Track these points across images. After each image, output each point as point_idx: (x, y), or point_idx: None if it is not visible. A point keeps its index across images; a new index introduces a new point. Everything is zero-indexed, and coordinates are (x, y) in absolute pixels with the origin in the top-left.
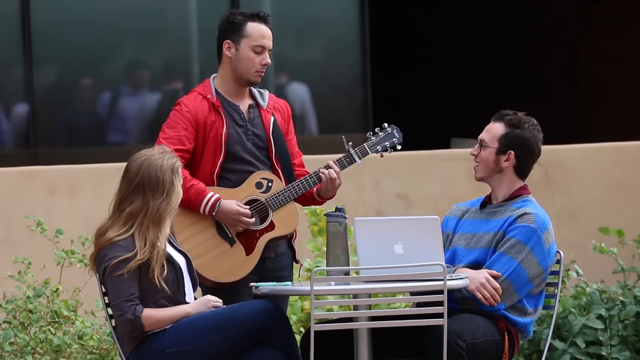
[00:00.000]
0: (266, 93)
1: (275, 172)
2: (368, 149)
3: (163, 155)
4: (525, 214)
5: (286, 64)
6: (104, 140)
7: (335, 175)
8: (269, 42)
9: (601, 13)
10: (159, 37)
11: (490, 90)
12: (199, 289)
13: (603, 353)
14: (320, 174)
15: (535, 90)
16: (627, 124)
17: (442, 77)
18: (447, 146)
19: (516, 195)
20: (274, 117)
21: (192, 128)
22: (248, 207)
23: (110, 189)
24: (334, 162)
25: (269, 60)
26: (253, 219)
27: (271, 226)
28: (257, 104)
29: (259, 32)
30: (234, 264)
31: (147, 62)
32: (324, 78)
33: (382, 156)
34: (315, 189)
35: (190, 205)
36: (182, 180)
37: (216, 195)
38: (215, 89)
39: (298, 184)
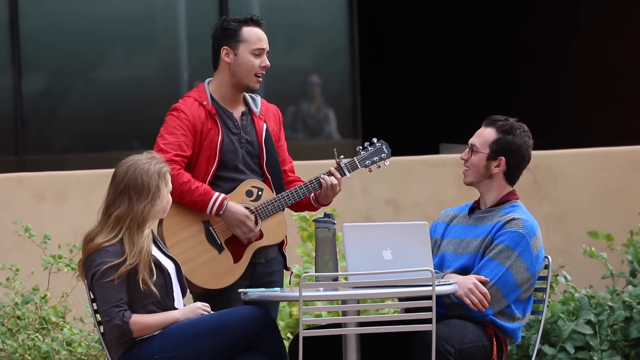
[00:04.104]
0: (258, 98)
1: (266, 181)
2: (358, 164)
3: (150, 160)
4: (513, 219)
5: (274, 70)
6: (92, 147)
7: (336, 182)
8: (266, 45)
9: (587, 19)
10: (148, 43)
11: (477, 96)
12: (189, 295)
13: (595, 358)
14: (321, 179)
15: (522, 95)
16: (614, 130)
17: (431, 83)
18: (436, 152)
19: (505, 200)
20: (266, 125)
21: (190, 135)
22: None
23: (99, 196)
24: (325, 173)
25: (268, 62)
26: (258, 227)
27: (260, 235)
28: (250, 110)
29: (255, 35)
30: (222, 271)
31: (136, 68)
32: (312, 84)
33: (370, 171)
34: (313, 194)
35: (196, 206)
36: (170, 186)
37: (222, 196)
38: (211, 95)
39: (288, 195)
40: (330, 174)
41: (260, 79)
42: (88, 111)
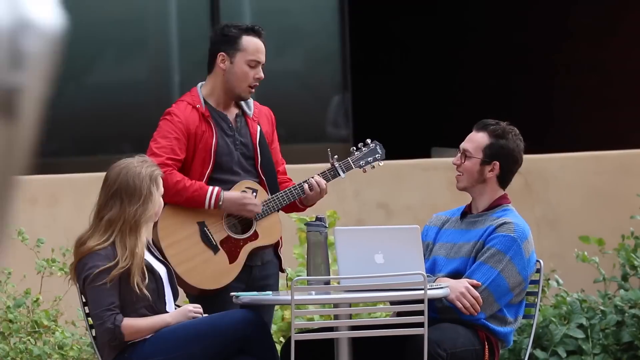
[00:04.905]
0: (250, 101)
1: (261, 182)
2: (352, 164)
3: (142, 164)
4: (505, 223)
5: (266, 74)
6: (84, 150)
7: (324, 187)
8: (263, 57)
9: (579, 22)
10: (139, 47)
11: (469, 100)
12: (184, 298)
13: None
14: (307, 183)
15: (513, 99)
16: (605, 134)
17: (423, 87)
18: (428, 155)
19: (496, 204)
20: (260, 127)
21: (184, 138)
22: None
23: (91, 200)
24: (319, 175)
25: (262, 74)
26: (259, 202)
27: (255, 236)
28: (244, 113)
29: (254, 46)
30: (217, 271)
31: (127, 72)
32: (304, 88)
33: (365, 171)
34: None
35: (193, 203)
36: (161, 189)
37: (217, 188)
38: (204, 99)
39: (282, 195)
40: (316, 181)
41: (253, 90)
42: (79, 115)
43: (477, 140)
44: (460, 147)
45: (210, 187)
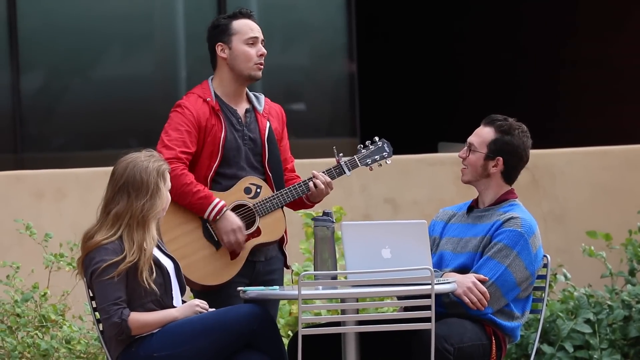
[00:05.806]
0: (262, 97)
1: (267, 179)
2: (358, 162)
3: (149, 158)
4: (512, 218)
5: (272, 68)
6: (90, 144)
7: (328, 182)
8: (259, 33)
9: (585, 18)
10: (146, 41)
11: (476, 95)
12: (190, 293)
13: (595, 357)
14: (311, 181)
15: (520, 94)
16: (611, 129)
17: (430, 82)
18: (435, 150)
19: (503, 199)
20: (269, 123)
21: (195, 131)
22: (241, 219)
23: (98, 194)
24: (324, 172)
25: (264, 50)
26: (244, 245)
27: (257, 232)
28: (254, 108)
29: (246, 25)
30: (219, 267)
31: (134, 66)
32: (310, 83)
33: (371, 169)
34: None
35: (194, 209)
36: (168, 184)
37: (222, 203)
38: (214, 92)
39: (286, 192)
40: (315, 177)
41: (261, 67)
42: (86, 109)
43: (483, 135)
44: (467, 141)
45: (216, 200)
